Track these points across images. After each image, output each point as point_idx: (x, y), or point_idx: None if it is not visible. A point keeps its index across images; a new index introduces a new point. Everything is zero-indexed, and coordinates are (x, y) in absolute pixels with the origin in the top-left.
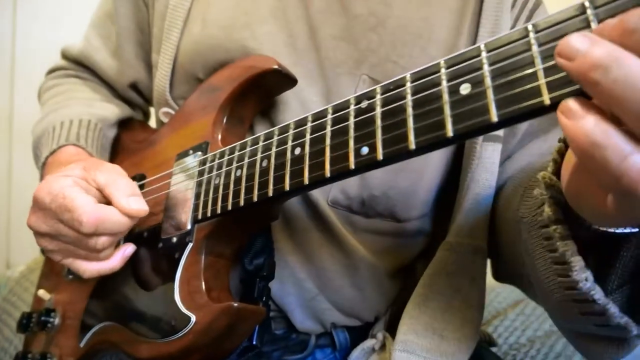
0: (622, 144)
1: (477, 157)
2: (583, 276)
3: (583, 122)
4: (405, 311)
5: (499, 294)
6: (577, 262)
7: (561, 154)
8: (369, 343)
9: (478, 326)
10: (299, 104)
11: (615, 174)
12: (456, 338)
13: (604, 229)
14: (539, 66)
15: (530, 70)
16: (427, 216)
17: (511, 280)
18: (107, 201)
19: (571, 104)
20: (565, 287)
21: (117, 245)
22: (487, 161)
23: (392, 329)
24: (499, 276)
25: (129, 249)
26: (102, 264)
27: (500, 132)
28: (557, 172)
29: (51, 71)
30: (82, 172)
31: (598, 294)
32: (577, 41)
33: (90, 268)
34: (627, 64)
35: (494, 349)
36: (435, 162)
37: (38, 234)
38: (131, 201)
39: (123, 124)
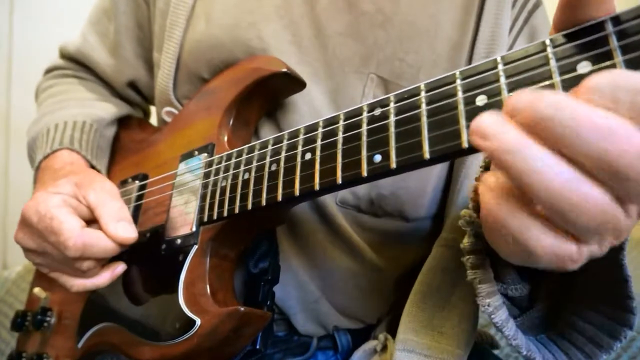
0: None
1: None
2: (487, 301)
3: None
4: (405, 309)
5: None
6: (483, 289)
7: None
8: (370, 344)
9: (476, 320)
10: (305, 104)
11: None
12: (455, 334)
13: None
14: (557, 79)
15: (547, 83)
16: (435, 216)
17: None
18: (97, 220)
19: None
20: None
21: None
22: (481, 157)
23: (393, 330)
24: None
25: (119, 268)
26: (89, 280)
27: None
28: (477, 207)
29: (48, 70)
30: (74, 189)
31: (497, 317)
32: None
33: (77, 284)
34: (532, 152)
35: (496, 352)
36: None
37: (25, 249)
38: (119, 227)
39: (123, 123)
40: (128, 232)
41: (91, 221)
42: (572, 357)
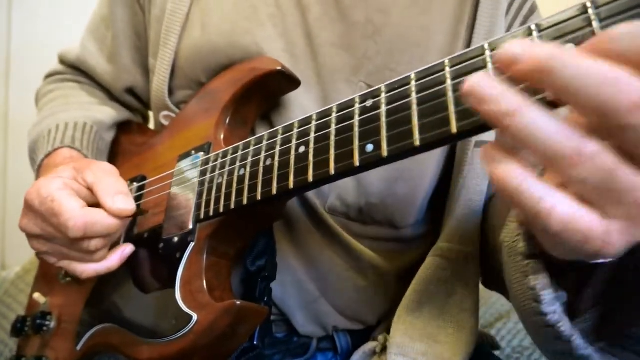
0: (536, 187)
1: (468, 164)
2: (552, 309)
3: (502, 167)
4: (398, 316)
5: (501, 296)
6: (547, 295)
7: None
8: (370, 346)
9: (474, 330)
10: (298, 109)
11: (531, 215)
12: (451, 342)
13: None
14: None
15: None
16: (422, 221)
17: (497, 289)
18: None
19: (491, 149)
20: (538, 312)
21: (116, 244)
22: (479, 167)
23: None
24: (486, 282)
25: (127, 249)
26: (100, 264)
27: (492, 137)
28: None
29: (48, 76)
30: (73, 172)
31: (564, 326)
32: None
33: (87, 269)
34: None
35: (497, 353)
36: (432, 169)
37: (30, 236)
38: (116, 200)
39: (122, 127)
40: (125, 204)
41: (95, 205)
42: None
